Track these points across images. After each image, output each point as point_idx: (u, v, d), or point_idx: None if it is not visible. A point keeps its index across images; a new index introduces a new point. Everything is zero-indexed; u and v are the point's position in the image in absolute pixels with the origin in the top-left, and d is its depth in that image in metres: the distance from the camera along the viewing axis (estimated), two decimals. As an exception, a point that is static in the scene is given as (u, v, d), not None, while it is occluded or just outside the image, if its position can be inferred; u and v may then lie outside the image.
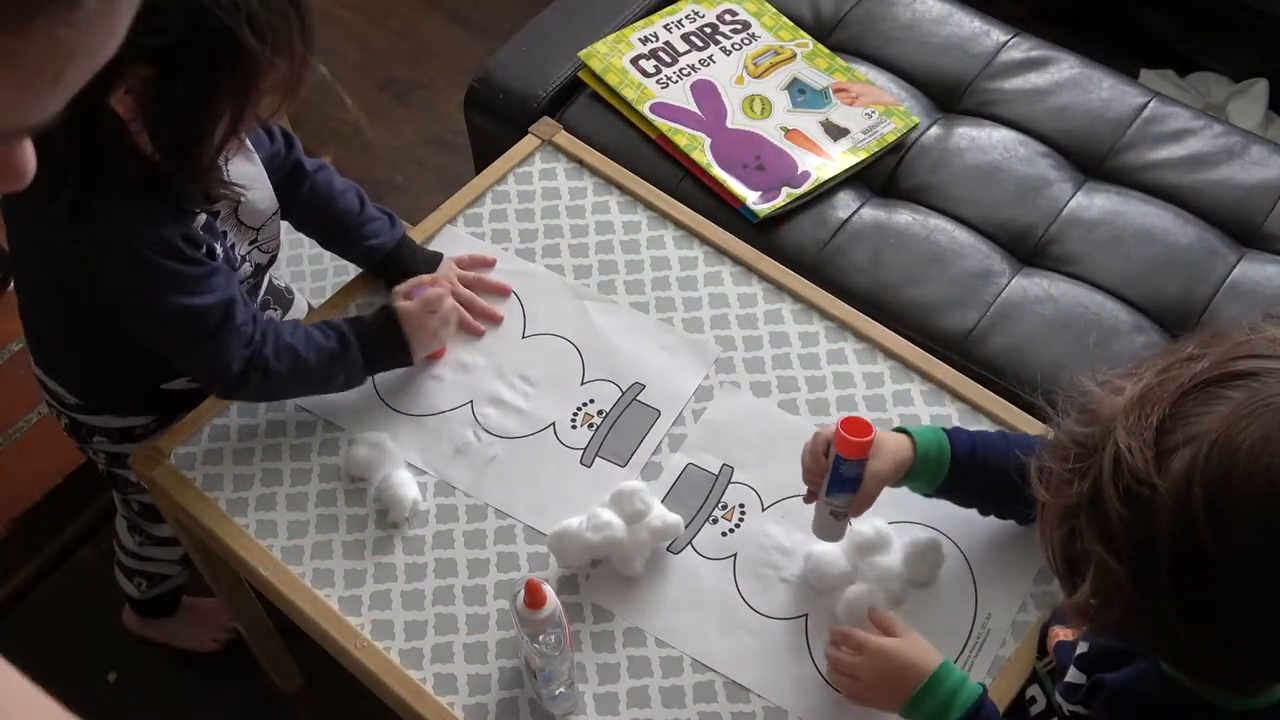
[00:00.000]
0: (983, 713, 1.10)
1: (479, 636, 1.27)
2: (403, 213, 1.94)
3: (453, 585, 1.30)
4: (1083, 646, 1.03)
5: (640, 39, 1.92)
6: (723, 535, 1.33)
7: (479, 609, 1.29)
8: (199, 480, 1.37)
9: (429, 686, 1.24)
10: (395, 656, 1.26)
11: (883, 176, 1.82)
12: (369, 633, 1.27)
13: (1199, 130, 1.83)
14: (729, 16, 1.96)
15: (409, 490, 1.34)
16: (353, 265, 1.58)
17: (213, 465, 1.39)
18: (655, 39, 1.92)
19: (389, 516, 1.34)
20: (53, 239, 1.26)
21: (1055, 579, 0.92)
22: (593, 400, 1.42)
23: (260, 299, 1.48)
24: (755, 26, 1.95)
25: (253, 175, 1.38)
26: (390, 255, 1.51)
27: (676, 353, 1.46)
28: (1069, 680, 1.02)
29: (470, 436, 1.40)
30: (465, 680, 1.24)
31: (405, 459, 1.38)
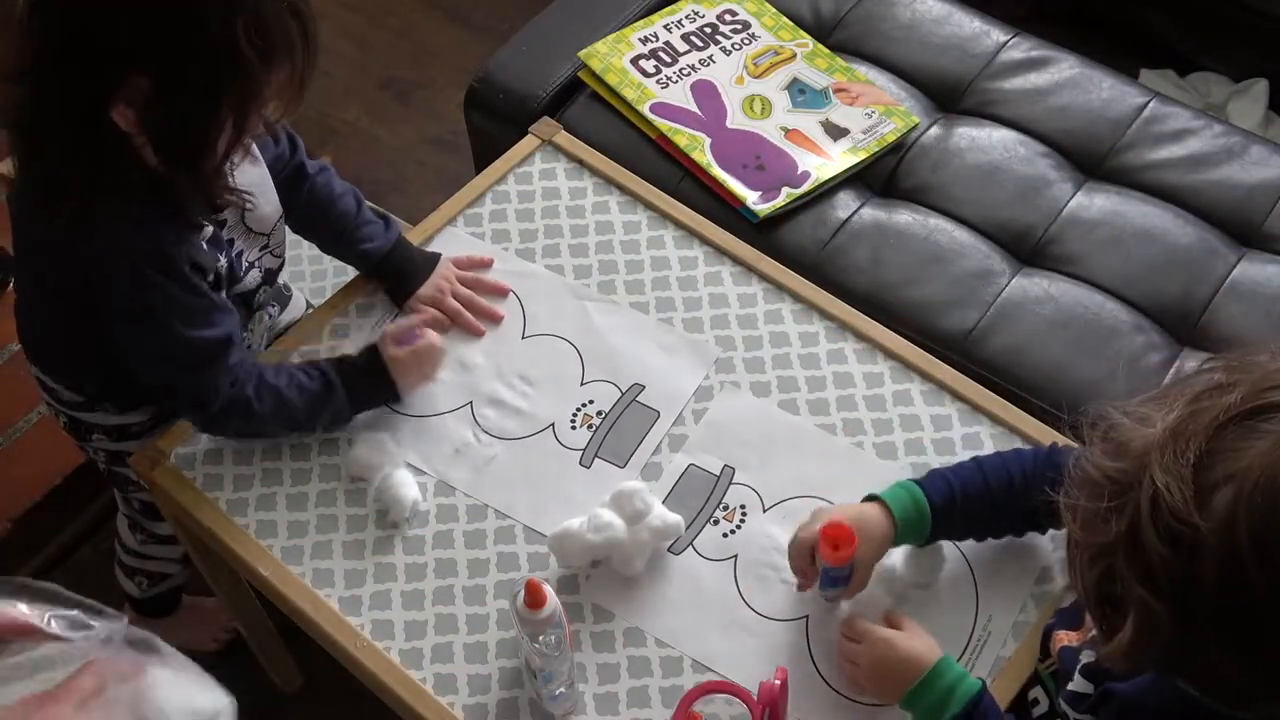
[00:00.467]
0: (980, 708, 1.10)
1: (479, 636, 1.27)
2: (402, 213, 1.95)
3: (453, 585, 1.30)
4: (1089, 655, 1.02)
5: (640, 39, 1.92)
6: (724, 536, 1.32)
7: (479, 609, 1.29)
8: (199, 480, 1.37)
9: (429, 686, 1.24)
10: (395, 656, 1.26)
11: (883, 176, 1.82)
12: (369, 633, 1.27)
13: (1199, 130, 1.83)
14: (729, 16, 1.96)
15: (409, 490, 1.34)
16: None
17: (213, 465, 1.39)
18: (655, 39, 1.92)
19: (389, 516, 1.34)
20: (57, 242, 1.25)
21: (1059, 582, 0.91)
22: (592, 401, 1.42)
23: (258, 299, 1.48)
24: (755, 26, 1.95)
25: (258, 180, 1.38)
26: (386, 258, 1.50)
27: (676, 353, 1.46)
28: (1074, 689, 1.02)
29: (470, 437, 1.40)
30: (465, 680, 1.24)
31: (405, 459, 1.38)
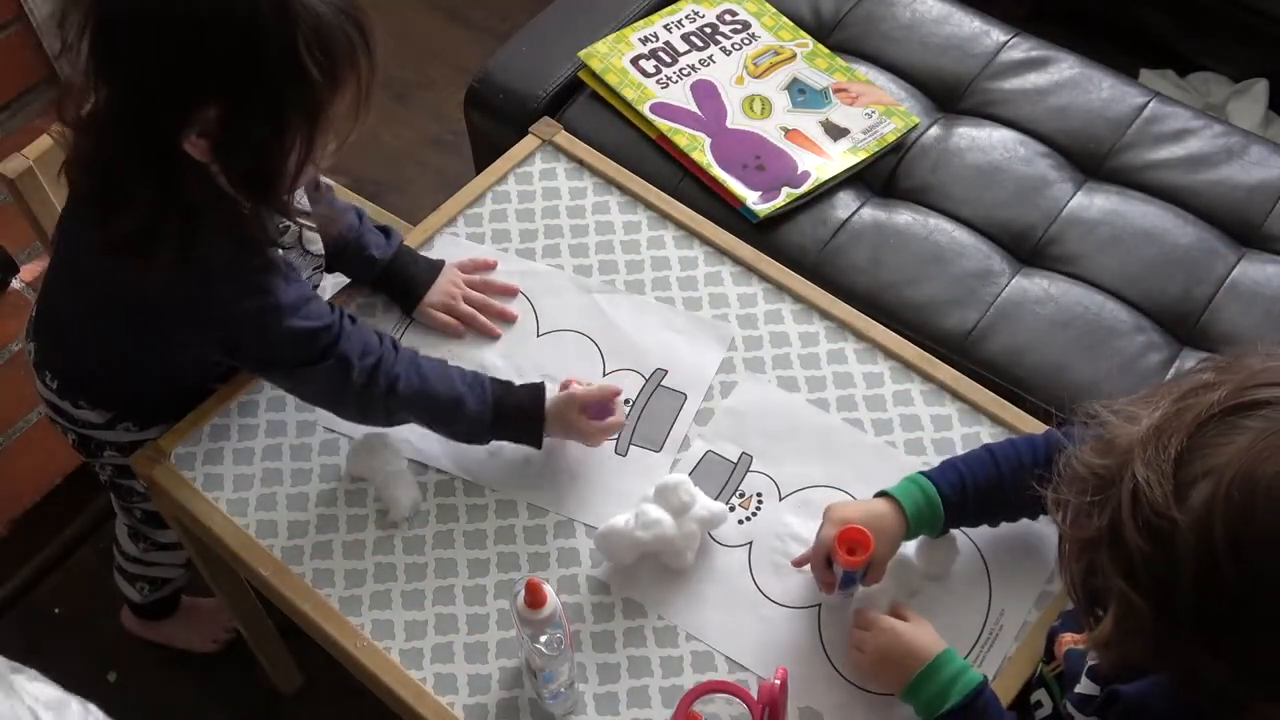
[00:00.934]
0: (980, 701, 1.11)
1: (479, 636, 1.27)
2: (403, 213, 1.95)
3: (453, 585, 1.30)
4: (1094, 657, 1.03)
5: (640, 39, 1.92)
6: (739, 523, 1.33)
7: (479, 609, 1.29)
8: (199, 480, 1.37)
9: (429, 686, 1.24)
10: (395, 656, 1.26)
11: (883, 176, 1.82)
12: (369, 633, 1.27)
13: (1199, 130, 1.83)
14: (729, 16, 1.96)
15: (409, 490, 1.34)
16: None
17: (213, 465, 1.39)
18: (655, 39, 1.92)
19: (389, 516, 1.34)
20: (143, 283, 1.21)
21: (1060, 582, 0.92)
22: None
23: None
24: (755, 26, 1.95)
25: (300, 201, 1.36)
26: (389, 267, 1.49)
27: (692, 334, 1.47)
28: (1081, 691, 1.02)
29: None
30: (465, 680, 1.24)
31: (437, 466, 1.37)
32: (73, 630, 1.96)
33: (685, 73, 1.88)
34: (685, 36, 1.93)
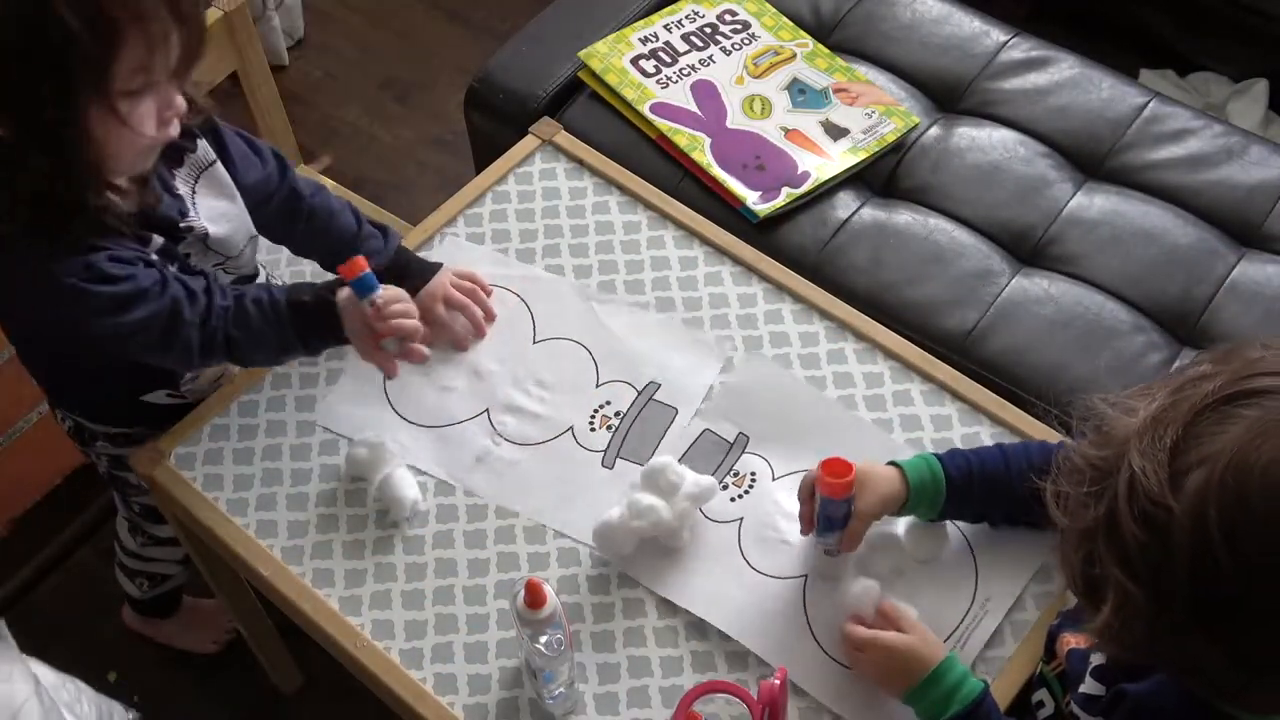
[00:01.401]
0: (982, 709, 1.11)
1: (479, 636, 1.27)
2: (403, 213, 1.95)
3: (453, 585, 1.30)
4: (1100, 658, 1.02)
5: (640, 39, 1.92)
6: (731, 501, 1.34)
7: (479, 609, 1.29)
8: (199, 480, 1.37)
9: (429, 686, 1.24)
10: (395, 656, 1.26)
11: (883, 176, 1.82)
12: (369, 633, 1.27)
13: (1199, 130, 1.83)
14: (729, 16, 1.96)
15: (409, 490, 1.34)
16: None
17: (213, 465, 1.39)
18: (655, 39, 1.92)
19: (389, 516, 1.34)
20: None
21: (1064, 585, 0.92)
22: (609, 402, 1.42)
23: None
24: (755, 26, 1.95)
25: (225, 210, 1.34)
26: (387, 270, 1.46)
27: (689, 350, 1.46)
28: (1087, 691, 1.02)
29: (490, 444, 1.39)
30: (465, 680, 1.25)
31: (428, 471, 1.37)
32: (73, 630, 1.96)
33: (685, 73, 1.88)
34: (685, 36, 1.93)
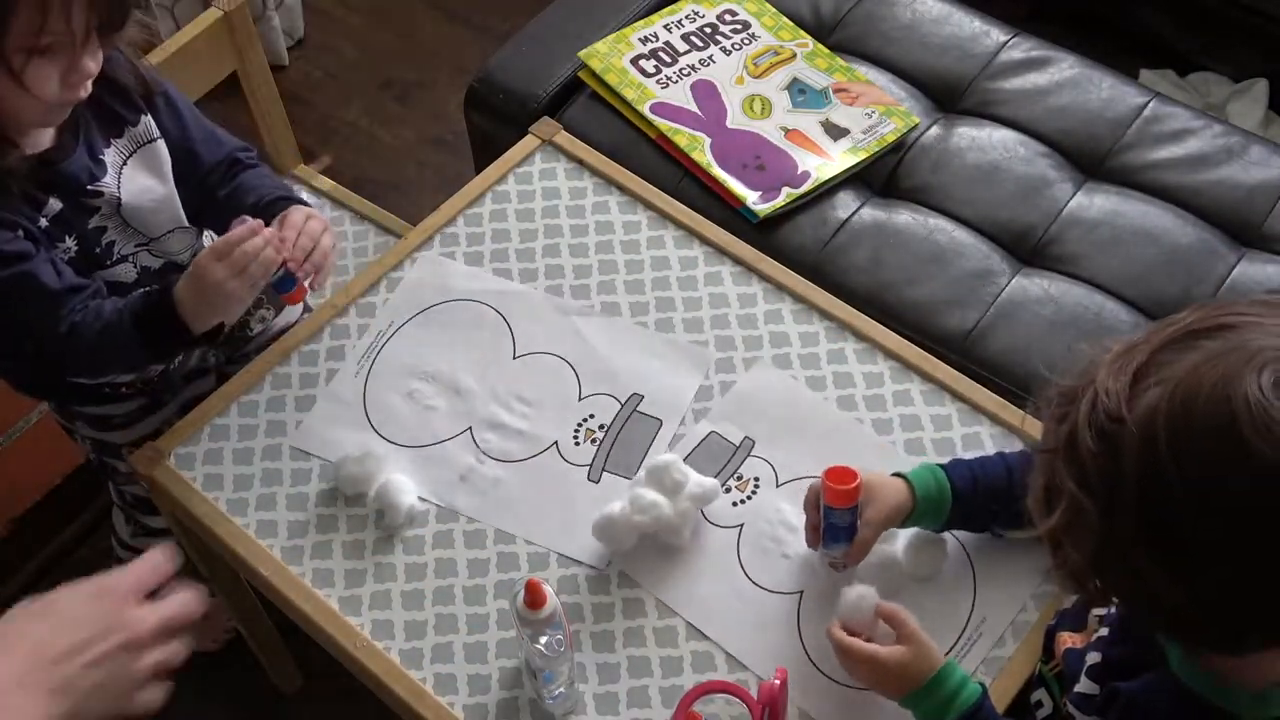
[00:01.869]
0: (980, 714, 1.11)
1: (479, 636, 1.27)
2: (403, 213, 1.95)
3: (453, 585, 1.30)
4: (1094, 657, 1.03)
5: (640, 39, 1.92)
6: (733, 505, 1.34)
7: (479, 609, 1.29)
8: (199, 480, 1.37)
9: (429, 686, 1.24)
10: (395, 656, 1.26)
11: (883, 176, 1.82)
12: (369, 633, 1.27)
13: (1199, 130, 1.83)
14: (729, 16, 1.96)
15: (406, 497, 1.33)
16: (351, 265, 1.57)
17: (213, 465, 1.39)
18: (655, 39, 1.92)
19: (385, 520, 1.34)
20: None
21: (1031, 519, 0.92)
22: (593, 415, 1.41)
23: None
24: (755, 26, 1.95)
25: (151, 188, 1.34)
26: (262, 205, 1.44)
27: (671, 359, 1.45)
28: (1082, 691, 1.02)
29: (473, 462, 1.38)
30: (465, 680, 1.25)
31: (409, 487, 1.36)
32: (73, 630, 1.95)
33: (685, 73, 1.88)
34: (685, 36, 1.93)
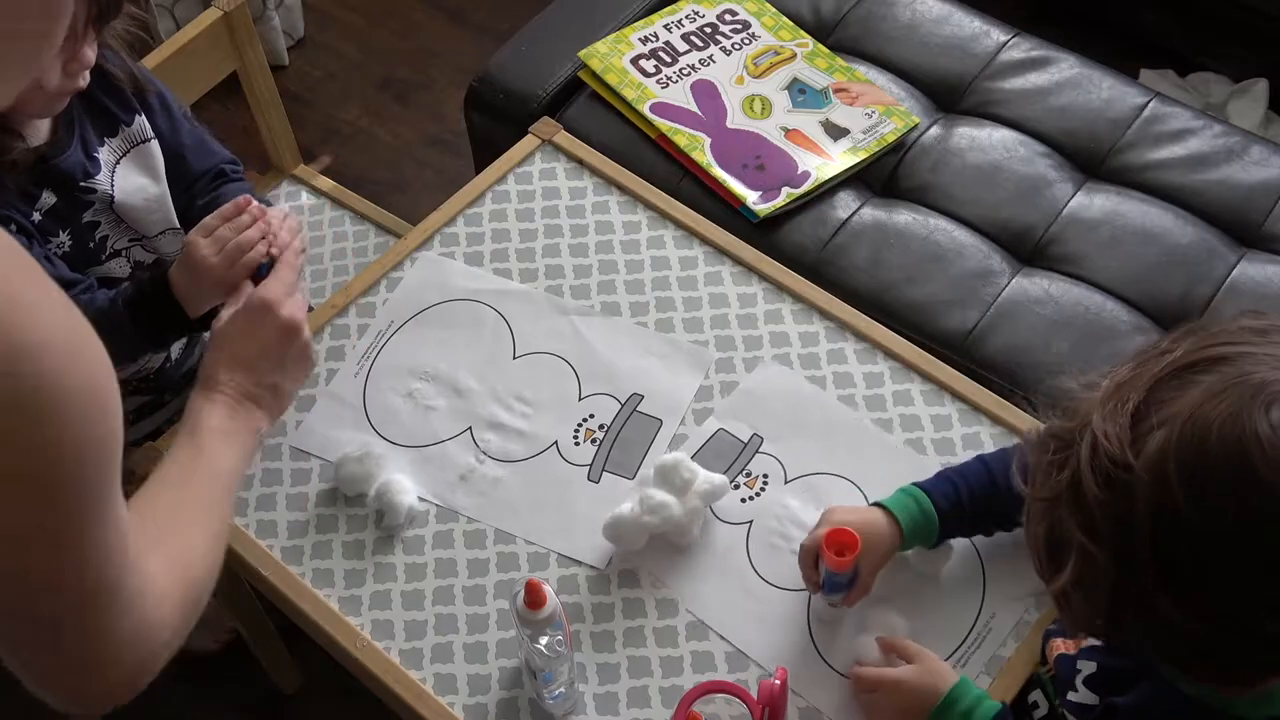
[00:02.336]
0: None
1: (479, 636, 1.27)
2: (403, 213, 1.95)
3: (453, 585, 1.30)
4: (1090, 666, 1.03)
5: (640, 39, 1.92)
6: (742, 502, 1.34)
7: (479, 609, 1.29)
8: (199, 480, 1.37)
9: (429, 686, 1.24)
10: (395, 656, 1.26)
11: (883, 176, 1.82)
12: (369, 633, 1.27)
13: (1199, 130, 1.83)
14: (729, 16, 1.96)
15: (405, 497, 1.33)
16: (351, 265, 1.57)
17: (213, 465, 1.38)
18: (655, 39, 1.92)
19: (385, 521, 1.34)
20: None
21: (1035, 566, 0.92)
22: (593, 415, 1.41)
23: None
24: (755, 26, 1.95)
25: (144, 187, 1.35)
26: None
27: (671, 360, 1.46)
28: (1078, 700, 1.02)
29: (473, 462, 1.38)
30: (465, 680, 1.25)
31: (409, 486, 1.36)
32: (73, 630, 1.95)
33: (685, 73, 1.88)
34: (685, 36, 1.93)
